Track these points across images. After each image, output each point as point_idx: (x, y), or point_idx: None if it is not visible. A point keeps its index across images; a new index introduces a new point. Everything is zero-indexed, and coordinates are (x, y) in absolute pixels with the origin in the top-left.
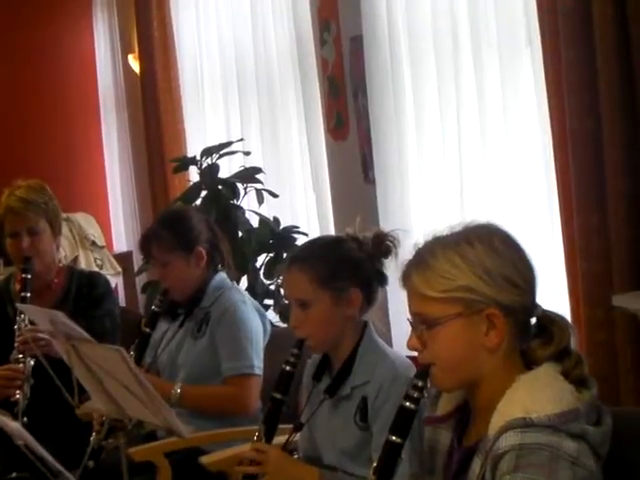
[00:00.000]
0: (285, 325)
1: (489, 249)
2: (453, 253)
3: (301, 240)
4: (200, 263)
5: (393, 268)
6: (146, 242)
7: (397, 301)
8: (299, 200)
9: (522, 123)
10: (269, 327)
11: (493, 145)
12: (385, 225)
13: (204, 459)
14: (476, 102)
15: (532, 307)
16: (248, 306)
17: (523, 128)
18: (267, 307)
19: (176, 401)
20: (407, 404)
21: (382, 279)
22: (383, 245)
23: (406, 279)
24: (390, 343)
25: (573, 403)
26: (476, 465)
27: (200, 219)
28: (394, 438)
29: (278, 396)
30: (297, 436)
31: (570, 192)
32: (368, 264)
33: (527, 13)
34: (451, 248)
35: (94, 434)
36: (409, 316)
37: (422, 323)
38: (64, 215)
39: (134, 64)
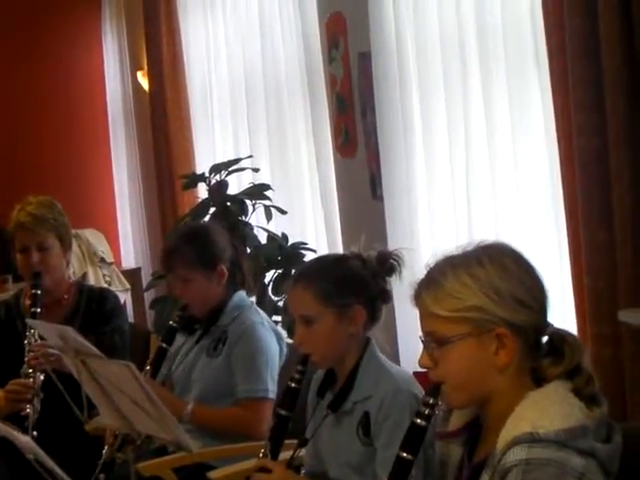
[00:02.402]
0: (292, 341)
1: (500, 269)
2: (463, 273)
3: (309, 256)
4: (221, 281)
5: (400, 286)
6: (168, 257)
7: (405, 319)
8: (307, 217)
9: (529, 141)
10: (285, 349)
11: (501, 163)
12: (393, 242)
13: (212, 474)
14: (484, 119)
15: (543, 326)
16: (266, 328)
17: (530, 146)
18: (275, 323)
19: (187, 420)
20: (418, 421)
21: (386, 297)
22: (387, 263)
23: (417, 298)
24: (397, 360)
25: (582, 420)
26: None
27: (224, 236)
28: (405, 455)
29: (283, 412)
30: (303, 451)
31: (577, 210)
32: (372, 282)
33: (534, 30)
34: (461, 268)
35: (106, 447)
36: (421, 334)
37: (433, 342)
38: (73, 231)
39: (143, 81)
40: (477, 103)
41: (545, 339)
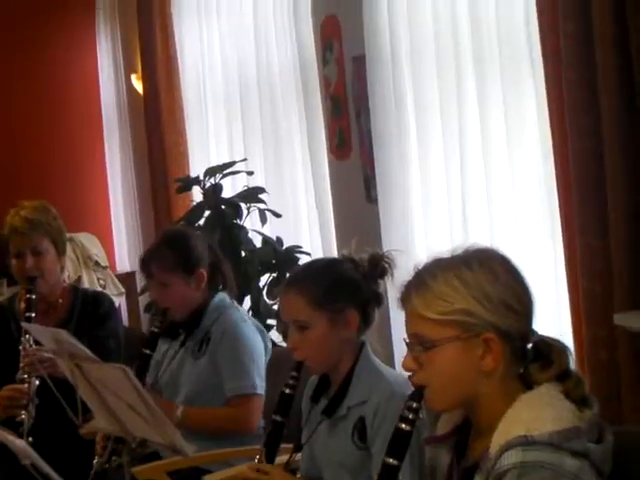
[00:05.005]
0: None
1: (488, 273)
2: (453, 276)
3: (304, 260)
4: (200, 285)
5: (394, 289)
6: (147, 262)
7: (400, 322)
8: (302, 220)
9: (524, 144)
10: (270, 345)
11: (496, 166)
12: (388, 245)
13: (207, 478)
14: (479, 122)
15: (529, 333)
16: (249, 325)
17: (525, 149)
18: (270, 327)
19: (178, 423)
20: (402, 426)
21: (379, 300)
22: (379, 266)
23: (405, 300)
24: (392, 364)
25: (574, 421)
26: None
27: (202, 241)
28: (391, 460)
29: (279, 419)
30: (298, 456)
31: (572, 213)
32: (364, 285)
33: (529, 34)
34: (451, 271)
35: (97, 457)
36: (406, 337)
37: (419, 344)
38: (67, 235)
39: (137, 84)
40: (472, 106)
41: (530, 346)
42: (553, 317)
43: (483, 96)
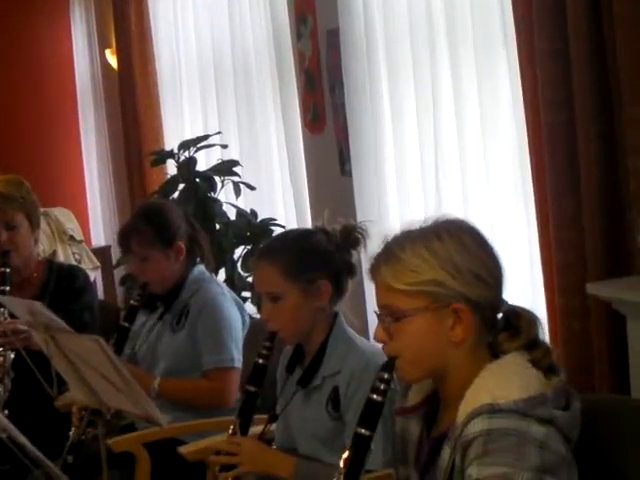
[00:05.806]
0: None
1: (458, 244)
2: (422, 247)
3: (278, 232)
4: (179, 257)
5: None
6: (125, 236)
7: (374, 293)
8: (276, 192)
9: (497, 116)
10: (247, 319)
11: (469, 138)
12: (362, 217)
13: (182, 449)
14: (452, 95)
15: (499, 303)
16: (227, 298)
17: (498, 121)
18: (245, 299)
19: (155, 394)
20: (374, 396)
21: (351, 270)
22: (351, 236)
23: (375, 271)
24: (367, 335)
25: (540, 389)
26: (445, 453)
27: (179, 213)
28: (363, 431)
29: (252, 389)
30: (273, 426)
31: (544, 184)
32: (337, 255)
33: (502, 5)
34: (420, 242)
35: (73, 429)
36: (376, 308)
37: (389, 315)
38: (42, 210)
39: (111, 59)
40: (445, 78)
41: (500, 316)
42: (526, 287)
43: (457, 68)
